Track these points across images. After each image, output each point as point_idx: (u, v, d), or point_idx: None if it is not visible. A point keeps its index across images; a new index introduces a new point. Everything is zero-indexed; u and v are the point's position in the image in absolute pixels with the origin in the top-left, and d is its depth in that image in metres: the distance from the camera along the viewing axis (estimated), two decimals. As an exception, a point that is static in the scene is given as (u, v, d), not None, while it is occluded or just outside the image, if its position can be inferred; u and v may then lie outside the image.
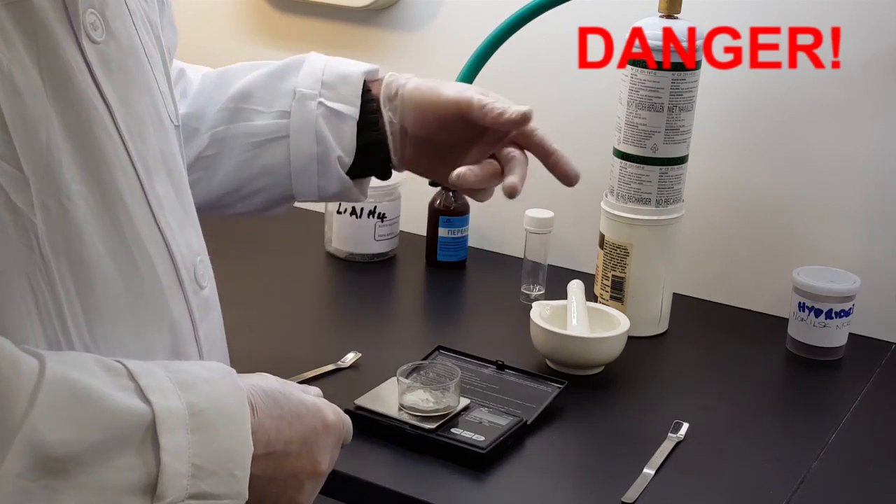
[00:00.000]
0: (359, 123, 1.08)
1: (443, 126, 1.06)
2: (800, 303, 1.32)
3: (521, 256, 1.45)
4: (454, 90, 1.05)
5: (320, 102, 1.08)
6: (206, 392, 0.71)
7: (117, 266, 0.74)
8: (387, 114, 1.08)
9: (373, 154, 1.09)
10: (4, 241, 0.66)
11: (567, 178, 1.04)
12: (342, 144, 1.08)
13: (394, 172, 1.13)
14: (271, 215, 1.15)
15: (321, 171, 1.09)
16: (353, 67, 1.11)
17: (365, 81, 1.10)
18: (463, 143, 1.07)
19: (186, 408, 0.69)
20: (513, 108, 1.01)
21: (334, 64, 1.11)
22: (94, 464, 0.64)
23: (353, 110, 1.08)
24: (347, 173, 1.09)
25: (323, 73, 1.10)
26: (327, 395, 1.19)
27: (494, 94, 1.04)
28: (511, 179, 1.01)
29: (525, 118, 1.01)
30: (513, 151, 1.04)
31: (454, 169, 1.02)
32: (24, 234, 0.67)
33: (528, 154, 1.06)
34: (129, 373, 0.69)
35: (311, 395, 0.82)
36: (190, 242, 0.84)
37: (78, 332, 0.71)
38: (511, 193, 1.00)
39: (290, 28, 1.74)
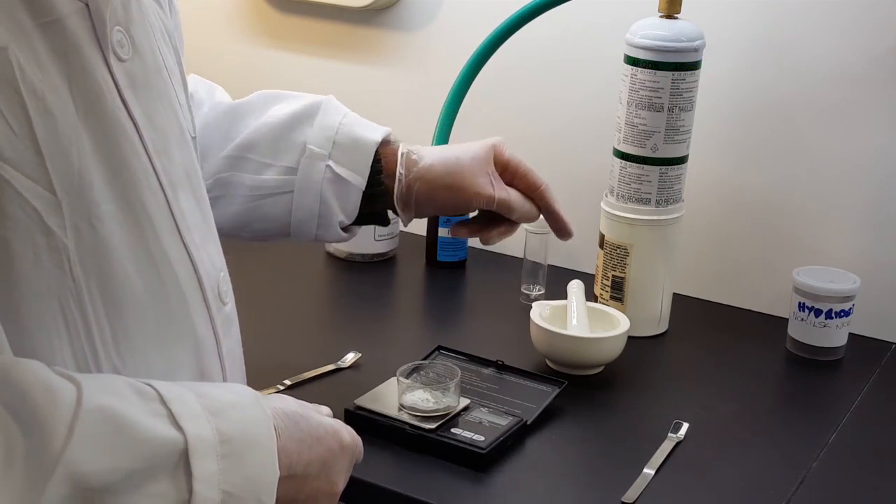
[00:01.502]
0: (364, 192, 1.09)
1: (455, 207, 1.11)
2: (800, 303, 1.32)
3: (521, 256, 1.45)
4: (472, 185, 1.08)
5: (328, 166, 1.08)
6: (234, 419, 0.71)
7: (145, 285, 0.75)
8: (400, 187, 1.09)
9: (373, 216, 1.13)
10: (37, 263, 0.67)
11: (563, 233, 1.14)
12: (345, 211, 1.09)
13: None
14: (266, 243, 1.17)
15: (321, 224, 1.10)
16: (369, 133, 1.10)
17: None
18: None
19: (217, 435, 0.69)
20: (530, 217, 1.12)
21: (349, 124, 1.10)
22: (129, 492, 0.65)
23: (360, 181, 1.08)
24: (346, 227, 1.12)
25: (336, 133, 1.09)
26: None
27: (516, 158, 1.11)
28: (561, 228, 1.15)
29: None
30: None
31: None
32: (57, 255, 0.68)
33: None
34: (160, 397, 0.69)
35: (325, 416, 0.83)
36: (213, 258, 0.85)
37: (105, 352, 0.72)
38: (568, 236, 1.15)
39: (290, 28, 1.74)
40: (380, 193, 1.10)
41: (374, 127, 1.11)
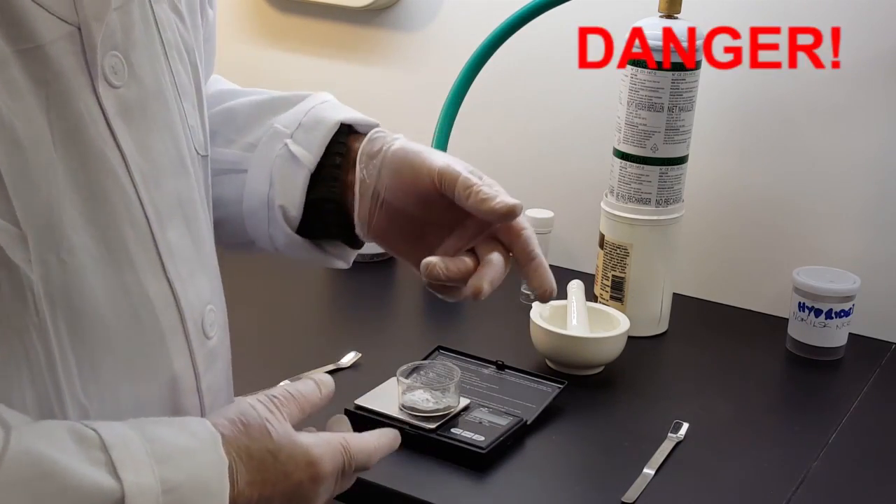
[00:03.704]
0: (317, 176, 0.93)
1: (420, 199, 0.89)
2: (800, 303, 1.32)
3: (521, 256, 1.45)
4: (442, 161, 0.87)
5: (286, 144, 0.93)
6: (183, 465, 0.68)
7: (118, 319, 0.72)
8: (361, 171, 0.91)
9: (327, 213, 0.94)
10: None
11: (542, 291, 0.86)
12: (288, 193, 0.92)
13: None
14: (233, 255, 1.01)
15: (270, 217, 0.94)
16: (335, 114, 0.94)
17: (350, 134, 0.94)
18: (439, 225, 0.90)
19: (160, 483, 0.66)
20: (500, 198, 0.84)
21: (323, 108, 0.96)
22: None
23: (310, 159, 0.92)
24: (304, 232, 0.95)
25: (306, 115, 0.95)
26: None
27: (488, 179, 0.87)
28: (478, 281, 0.84)
29: (512, 212, 0.84)
30: (493, 254, 0.87)
31: (424, 254, 0.86)
32: (19, 289, 0.66)
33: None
34: (102, 443, 0.66)
35: (311, 440, 0.78)
36: (200, 291, 0.80)
37: (70, 388, 0.69)
38: (476, 295, 0.84)
39: (290, 28, 1.74)
40: (330, 177, 0.93)
41: (349, 111, 0.95)
